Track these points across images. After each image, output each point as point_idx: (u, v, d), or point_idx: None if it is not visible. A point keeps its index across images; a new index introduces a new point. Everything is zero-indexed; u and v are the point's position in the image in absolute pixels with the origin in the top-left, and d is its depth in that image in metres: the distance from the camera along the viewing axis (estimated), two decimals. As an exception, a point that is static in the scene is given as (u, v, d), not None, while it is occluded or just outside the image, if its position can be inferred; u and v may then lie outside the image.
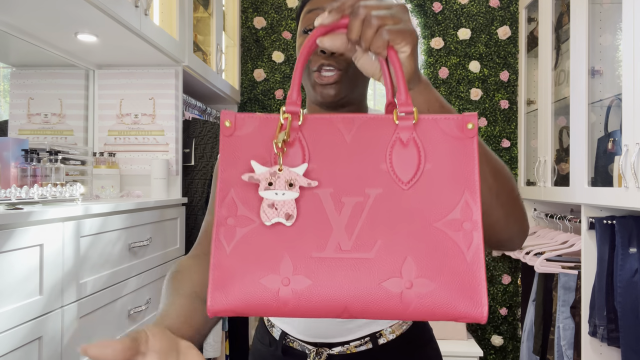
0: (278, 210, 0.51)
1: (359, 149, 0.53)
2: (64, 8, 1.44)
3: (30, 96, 1.91)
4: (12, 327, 1.07)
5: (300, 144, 0.53)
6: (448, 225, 0.51)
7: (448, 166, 0.52)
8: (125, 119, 2.10)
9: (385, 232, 0.51)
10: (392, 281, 0.49)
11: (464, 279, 0.50)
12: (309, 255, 0.50)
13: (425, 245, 0.50)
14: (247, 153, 0.53)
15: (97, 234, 1.42)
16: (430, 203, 0.51)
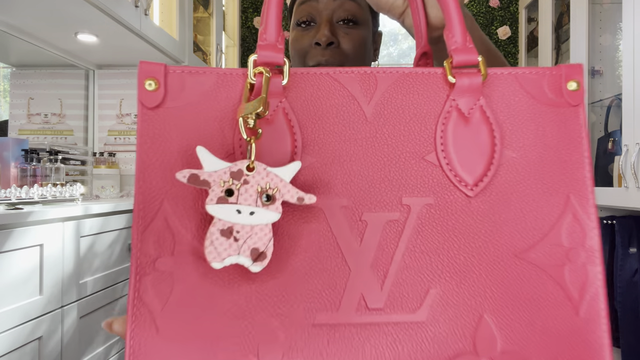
0: (239, 243, 0.28)
1: (387, 129, 0.32)
2: (64, 8, 1.44)
3: (30, 96, 1.91)
4: (12, 327, 1.07)
5: (287, 121, 0.31)
6: (544, 255, 0.31)
7: (541, 154, 0.33)
8: (125, 119, 2.10)
9: (442, 272, 0.31)
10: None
11: (575, 346, 0.30)
12: (311, 322, 0.30)
13: (509, 293, 0.31)
14: (189, 136, 0.31)
15: (97, 234, 1.42)
16: (513, 218, 0.32)
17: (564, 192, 0.32)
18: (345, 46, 0.74)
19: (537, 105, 0.33)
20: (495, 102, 0.33)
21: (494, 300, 0.31)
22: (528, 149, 0.32)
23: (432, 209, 0.31)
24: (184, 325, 0.29)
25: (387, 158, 0.32)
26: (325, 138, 0.32)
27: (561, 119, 0.33)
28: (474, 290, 0.31)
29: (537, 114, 0.33)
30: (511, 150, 0.32)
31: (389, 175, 0.32)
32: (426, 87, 0.33)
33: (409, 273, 0.31)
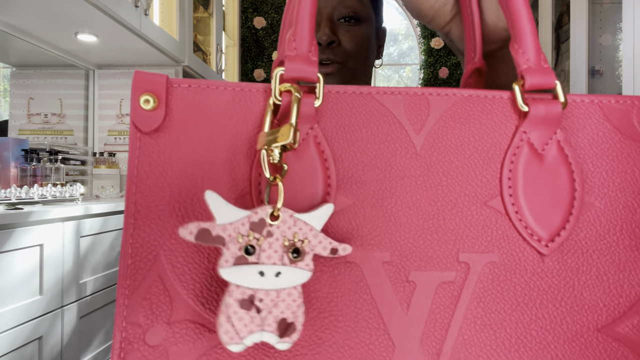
0: (262, 314, 0.22)
1: (443, 165, 0.26)
2: (64, 8, 1.44)
3: (30, 96, 1.91)
4: (12, 327, 1.07)
5: (319, 152, 0.25)
6: (635, 329, 0.26)
7: (630, 203, 0.27)
8: (125, 119, 2.10)
9: (509, 350, 0.26)
10: None
11: None
12: None
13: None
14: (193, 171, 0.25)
15: (97, 234, 1.42)
16: (595, 283, 0.26)
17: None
18: (347, 45, 0.72)
19: (627, 142, 0.26)
20: (575, 136, 0.26)
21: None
22: (615, 196, 0.26)
23: (496, 268, 0.25)
24: None
25: (441, 202, 0.25)
26: (365, 175, 0.25)
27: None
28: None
29: (626, 152, 0.26)
30: (594, 198, 0.26)
31: (443, 225, 0.25)
32: (491, 116, 0.26)
33: (468, 351, 0.24)
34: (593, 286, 0.25)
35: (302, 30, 0.25)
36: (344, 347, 0.23)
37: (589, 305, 0.25)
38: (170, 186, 0.24)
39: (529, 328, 0.25)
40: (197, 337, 0.23)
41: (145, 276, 0.23)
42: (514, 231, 0.25)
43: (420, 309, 0.24)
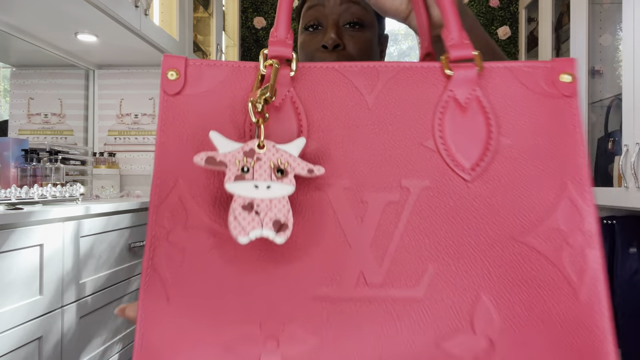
0: (261, 216, 0.29)
1: (388, 116, 0.34)
2: (64, 8, 1.44)
3: (30, 96, 1.91)
4: (12, 327, 1.07)
5: (294, 107, 0.33)
6: (542, 239, 0.31)
7: (536, 141, 0.33)
8: (125, 119, 2.10)
9: (441, 252, 0.31)
10: (458, 340, 0.30)
11: (576, 331, 0.30)
12: (312, 296, 0.31)
13: (506, 275, 0.31)
14: (204, 121, 0.33)
15: (97, 234, 1.42)
16: (510, 202, 0.32)
17: (560, 178, 0.33)
18: (351, 49, 0.75)
19: (532, 96, 0.34)
20: (490, 92, 0.34)
21: (491, 281, 0.31)
22: (523, 136, 0.33)
23: (430, 191, 0.33)
24: (193, 296, 0.31)
25: (387, 143, 0.33)
26: (329, 124, 0.34)
27: (555, 109, 0.34)
28: (472, 270, 0.31)
29: (531, 103, 0.34)
30: (507, 138, 0.34)
31: (389, 159, 0.33)
32: (425, 79, 0.35)
33: (407, 252, 0.32)
34: (509, 205, 0.32)
35: (281, 23, 0.34)
36: (312, 248, 0.32)
37: (506, 220, 0.32)
38: (187, 130, 0.33)
39: (456, 237, 0.32)
40: (205, 240, 0.31)
41: (168, 194, 0.32)
42: (443, 164, 0.33)
43: (371, 221, 0.32)
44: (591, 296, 0.30)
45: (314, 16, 0.78)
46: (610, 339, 0.30)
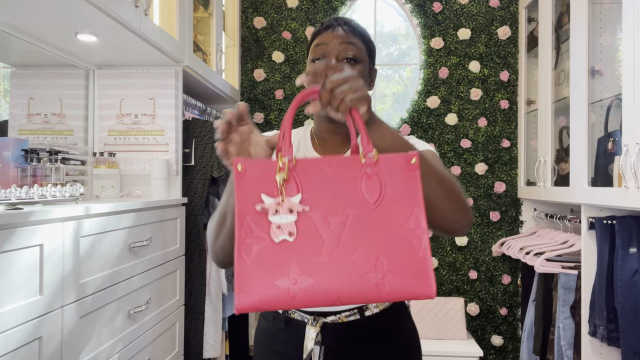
0: (283, 230, 0.67)
1: (338, 181, 0.70)
2: (64, 8, 1.44)
3: (30, 96, 1.91)
4: (12, 327, 1.07)
5: (295, 180, 0.70)
6: (405, 231, 0.69)
7: (401, 190, 0.70)
8: (125, 119, 2.10)
9: (362, 240, 0.68)
10: (370, 275, 0.67)
11: (418, 269, 0.68)
12: (310, 261, 0.67)
13: (390, 247, 0.68)
14: (257, 189, 0.69)
15: (97, 234, 1.42)
16: (392, 217, 0.69)
17: (411, 206, 0.70)
18: None
19: (400, 170, 0.71)
20: (381, 169, 0.71)
21: (385, 251, 0.68)
22: (396, 189, 0.70)
23: (357, 214, 0.69)
24: (258, 263, 0.66)
25: (338, 192, 0.70)
26: (312, 186, 0.70)
27: (410, 175, 0.71)
28: (376, 247, 0.68)
29: (400, 173, 0.71)
30: (389, 190, 0.70)
31: (339, 200, 0.69)
32: (354, 164, 0.71)
33: (348, 240, 0.68)
34: (390, 217, 0.69)
35: (285, 139, 0.71)
36: (307, 241, 0.67)
37: (390, 224, 0.69)
38: (250, 192, 0.68)
39: (369, 233, 0.68)
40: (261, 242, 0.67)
41: (242, 222, 0.67)
42: (363, 201, 0.69)
43: (333, 228, 0.68)
44: (424, 254, 0.68)
45: (320, 52, 1.01)
46: (431, 270, 0.67)
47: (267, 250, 0.67)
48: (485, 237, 2.94)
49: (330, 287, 0.66)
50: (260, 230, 0.67)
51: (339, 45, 1.00)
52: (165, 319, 1.89)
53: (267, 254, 0.67)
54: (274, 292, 0.66)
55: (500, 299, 2.92)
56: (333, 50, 1.00)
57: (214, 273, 2.18)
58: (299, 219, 0.68)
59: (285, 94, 3.05)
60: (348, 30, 1.03)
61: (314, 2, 3.03)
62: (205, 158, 2.17)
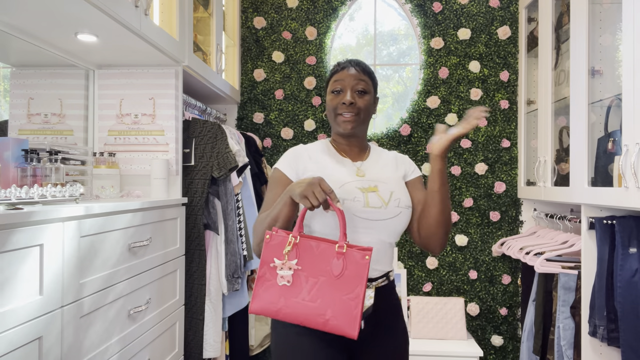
0: (284, 279, 1.18)
1: (320, 257, 1.17)
2: (64, 8, 1.44)
3: (30, 96, 1.91)
4: (12, 327, 1.07)
5: (296, 251, 1.19)
6: (350, 297, 1.14)
7: (354, 273, 1.15)
8: (125, 119, 2.10)
9: (323, 296, 1.15)
10: (321, 316, 1.15)
11: (350, 320, 1.13)
12: (291, 299, 1.17)
13: (337, 305, 1.14)
14: (274, 252, 1.19)
15: (97, 234, 1.42)
16: (344, 287, 1.15)
17: (357, 283, 1.15)
18: (360, 105, 1.39)
19: (357, 260, 1.16)
20: (347, 256, 1.17)
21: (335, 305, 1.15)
22: (352, 271, 1.15)
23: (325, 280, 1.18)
24: (266, 290, 1.19)
25: (318, 264, 1.18)
26: (304, 255, 1.18)
27: (362, 265, 1.15)
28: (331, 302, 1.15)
29: (357, 262, 1.16)
30: (348, 270, 1.16)
31: (317, 268, 1.17)
32: (331, 249, 1.17)
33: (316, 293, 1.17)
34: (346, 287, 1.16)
35: (298, 225, 1.22)
36: (295, 287, 1.19)
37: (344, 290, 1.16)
38: (270, 255, 1.21)
39: (330, 293, 1.16)
40: (271, 281, 1.20)
41: (264, 267, 1.21)
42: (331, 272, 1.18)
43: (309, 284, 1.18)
44: (355, 312, 1.14)
45: (338, 85, 1.40)
46: (358, 319, 1.13)
47: (272, 286, 1.18)
48: (485, 237, 2.94)
49: (299, 316, 1.16)
50: (271, 275, 1.19)
51: (353, 81, 1.38)
52: (165, 319, 1.89)
53: (271, 288, 1.18)
54: (272, 308, 1.18)
55: (500, 299, 2.92)
56: (348, 85, 1.38)
57: (214, 273, 2.18)
58: (293, 274, 1.17)
59: (285, 94, 3.05)
60: (359, 69, 1.40)
61: (314, 2, 3.03)
62: (205, 158, 2.17)
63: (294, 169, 1.37)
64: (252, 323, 2.69)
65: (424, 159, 2.98)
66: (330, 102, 1.40)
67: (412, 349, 2.55)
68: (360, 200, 1.30)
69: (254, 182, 2.59)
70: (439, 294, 2.96)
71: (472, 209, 2.95)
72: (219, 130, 2.19)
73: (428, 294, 2.97)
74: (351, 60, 1.42)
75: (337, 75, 1.40)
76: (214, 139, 2.18)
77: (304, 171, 1.36)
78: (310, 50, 3.04)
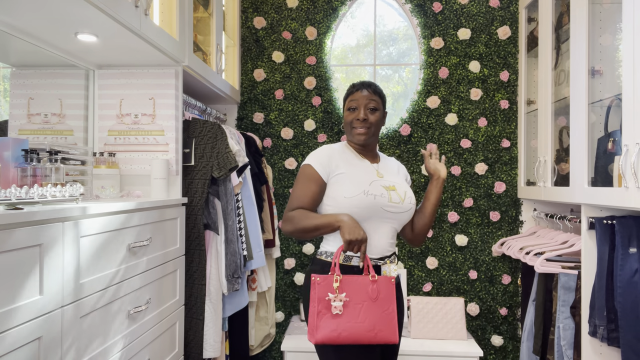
0: (337, 309, 1.50)
1: (359, 287, 1.52)
2: (64, 8, 1.44)
3: (30, 96, 1.91)
4: (12, 327, 1.07)
5: (342, 285, 1.51)
6: (387, 312, 1.51)
7: (386, 293, 1.53)
8: (125, 119, 2.10)
9: (368, 316, 1.50)
10: (370, 332, 1.49)
11: (392, 329, 1.52)
12: (346, 324, 1.49)
13: (380, 319, 1.51)
14: (327, 289, 1.51)
15: (97, 234, 1.42)
16: (382, 306, 1.52)
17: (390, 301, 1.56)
18: (372, 120, 1.68)
19: (387, 283, 1.57)
20: (379, 283, 1.56)
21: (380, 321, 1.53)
22: (385, 292, 1.55)
23: (367, 303, 1.53)
24: (323, 320, 1.51)
25: (361, 292, 1.53)
26: (350, 288, 1.53)
27: (391, 286, 1.56)
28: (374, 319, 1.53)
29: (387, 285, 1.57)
30: (381, 293, 1.55)
31: (361, 295, 1.54)
32: (367, 279, 1.55)
33: (363, 315, 1.52)
34: (383, 306, 1.55)
35: (334, 269, 1.57)
36: (346, 314, 1.52)
37: (384, 307, 1.54)
38: (322, 292, 1.54)
39: (373, 312, 1.52)
40: (326, 313, 1.52)
41: (319, 303, 1.53)
42: (370, 297, 1.55)
43: (358, 309, 1.54)
44: (393, 322, 1.55)
45: (354, 104, 1.69)
46: (396, 327, 1.55)
47: (329, 317, 1.49)
48: (485, 237, 2.94)
49: (354, 335, 1.48)
50: (326, 309, 1.50)
51: (365, 101, 1.67)
52: (165, 319, 1.89)
53: (329, 320, 1.49)
54: (330, 335, 1.48)
55: (500, 299, 2.92)
56: (362, 104, 1.67)
57: (214, 273, 2.18)
58: (343, 304, 1.49)
59: (285, 94, 3.05)
60: (370, 91, 1.69)
61: (314, 2, 3.03)
62: (205, 158, 2.17)
63: (326, 168, 1.64)
64: (252, 323, 2.69)
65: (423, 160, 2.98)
66: (347, 118, 1.71)
67: (412, 349, 2.55)
68: (386, 197, 1.62)
69: (254, 182, 2.59)
70: (439, 294, 2.96)
71: (472, 209, 2.95)
72: (219, 130, 2.19)
73: (428, 294, 2.97)
74: (364, 82, 1.72)
75: (352, 96, 1.71)
76: (214, 139, 2.18)
77: (335, 168, 1.65)
78: (310, 50, 3.03)
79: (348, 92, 1.74)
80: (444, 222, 2.97)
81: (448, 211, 2.96)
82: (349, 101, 1.70)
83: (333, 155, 1.67)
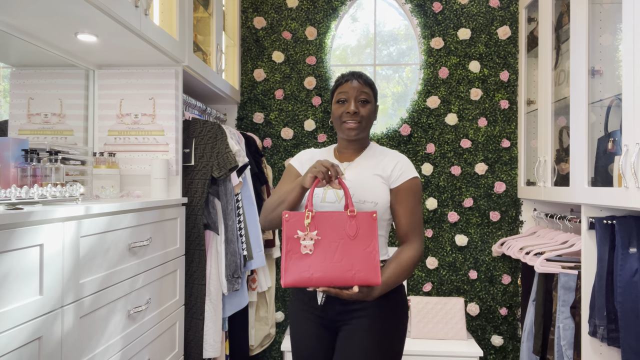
0: (307, 248, 1.33)
1: (335, 224, 1.35)
2: (64, 8, 1.44)
3: (30, 96, 1.91)
4: (12, 327, 1.07)
5: (314, 223, 1.34)
6: (368, 251, 1.33)
7: (366, 230, 1.35)
8: (125, 119, 2.10)
9: (345, 255, 1.33)
10: (348, 272, 1.32)
11: (372, 269, 1.33)
12: (319, 264, 1.32)
13: (359, 259, 1.33)
14: (296, 226, 1.33)
15: (97, 234, 1.42)
16: (361, 244, 1.34)
17: (371, 238, 1.36)
18: (363, 113, 1.55)
19: (367, 220, 1.38)
20: (359, 218, 1.37)
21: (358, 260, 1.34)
22: (364, 229, 1.36)
23: (344, 241, 1.35)
24: (293, 262, 1.33)
25: (336, 229, 1.36)
26: (323, 225, 1.35)
27: (372, 222, 1.38)
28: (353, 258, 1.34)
29: (368, 222, 1.37)
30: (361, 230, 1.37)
31: (336, 233, 1.35)
32: (344, 215, 1.37)
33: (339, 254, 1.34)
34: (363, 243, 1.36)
35: (309, 202, 1.39)
36: (319, 253, 1.34)
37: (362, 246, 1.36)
38: (293, 229, 1.35)
39: (350, 251, 1.34)
40: (296, 253, 1.34)
41: (289, 241, 1.35)
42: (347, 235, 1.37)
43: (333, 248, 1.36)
44: (375, 261, 1.34)
45: (343, 95, 1.56)
46: (378, 268, 1.34)
47: (298, 257, 1.32)
48: (485, 237, 2.94)
49: (329, 276, 1.32)
50: (296, 247, 1.32)
51: (355, 92, 1.55)
52: (165, 319, 1.89)
53: (299, 260, 1.32)
54: (302, 277, 1.31)
55: (500, 299, 2.92)
56: (352, 95, 1.55)
57: (214, 273, 2.18)
58: (315, 243, 1.33)
59: (285, 94, 3.05)
60: (361, 81, 1.56)
61: (314, 2, 3.03)
62: (205, 158, 2.17)
63: (305, 167, 1.60)
64: (252, 323, 2.69)
65: (424, 159, 2.98)
66: (336, 111, 1.58)
67: (412, 349, 2.55)
68: (319, 196, 1.53)
69: (254, 182, 2.59)
70: (439, 294, 2.96)
71: (472, 209, 2.95)
72: (219, 130, 2.19)
73: (428, 294, 2.97)
74: (354, 73, 1.59)
75: (341, 87, 1.58)
76: (214, 139, 2.18)
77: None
78: (310, 50, 3.03)
79: (337, 83, 1.59)
80: (444, 222, 2.97)
81: (448, 211, 2.96)
82: (338, 93, 1.56)
83: (314, 158, 1.61)
